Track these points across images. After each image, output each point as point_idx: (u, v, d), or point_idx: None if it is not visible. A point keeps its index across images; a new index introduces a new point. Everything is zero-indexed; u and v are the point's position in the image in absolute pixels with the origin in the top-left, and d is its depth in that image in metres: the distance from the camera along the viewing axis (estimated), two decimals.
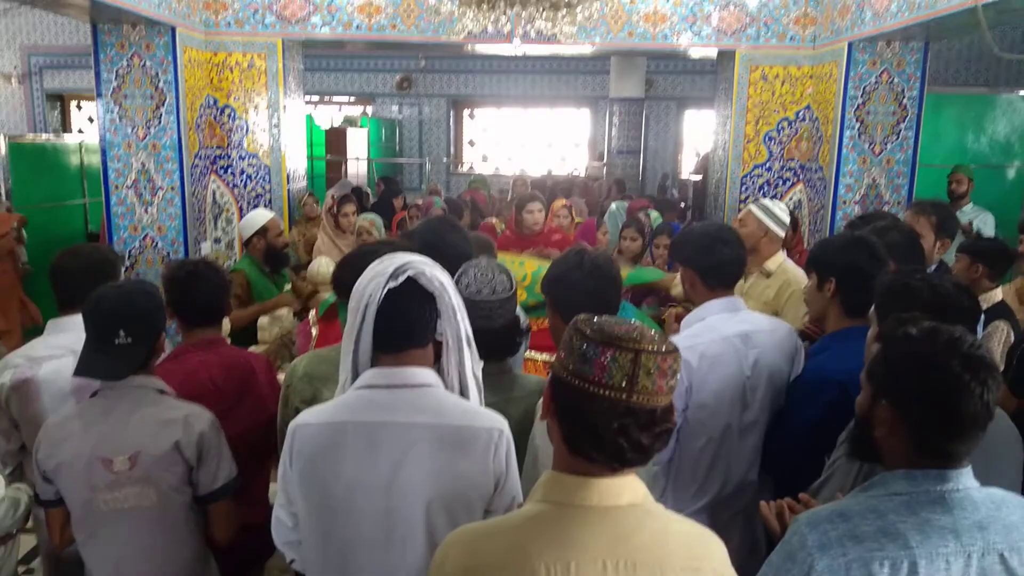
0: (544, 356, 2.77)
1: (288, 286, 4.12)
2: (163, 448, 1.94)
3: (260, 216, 4.11)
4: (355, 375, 1.56)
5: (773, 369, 2.22)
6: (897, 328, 1.46)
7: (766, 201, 3.63)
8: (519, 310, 2.12)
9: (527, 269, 3.04)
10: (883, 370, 1.43)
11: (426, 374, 1.56)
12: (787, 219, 3.50)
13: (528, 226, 4.68)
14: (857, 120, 5.15)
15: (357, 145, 11.47)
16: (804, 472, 1.93)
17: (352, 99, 13.56)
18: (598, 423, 1.13)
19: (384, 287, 1.50)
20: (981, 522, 1.32)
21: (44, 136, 8.62)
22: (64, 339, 2.33)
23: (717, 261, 2.26)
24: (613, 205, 6.77)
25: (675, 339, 2.19)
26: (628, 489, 1.16)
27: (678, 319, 2.46)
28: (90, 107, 12.05)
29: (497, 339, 1.94)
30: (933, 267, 2.84)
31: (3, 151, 6.55)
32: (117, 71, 4.90)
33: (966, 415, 1.32)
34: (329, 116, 13.15)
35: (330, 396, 1.78)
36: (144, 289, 2.05)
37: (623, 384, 1.11)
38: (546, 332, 3.03)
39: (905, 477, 1.37)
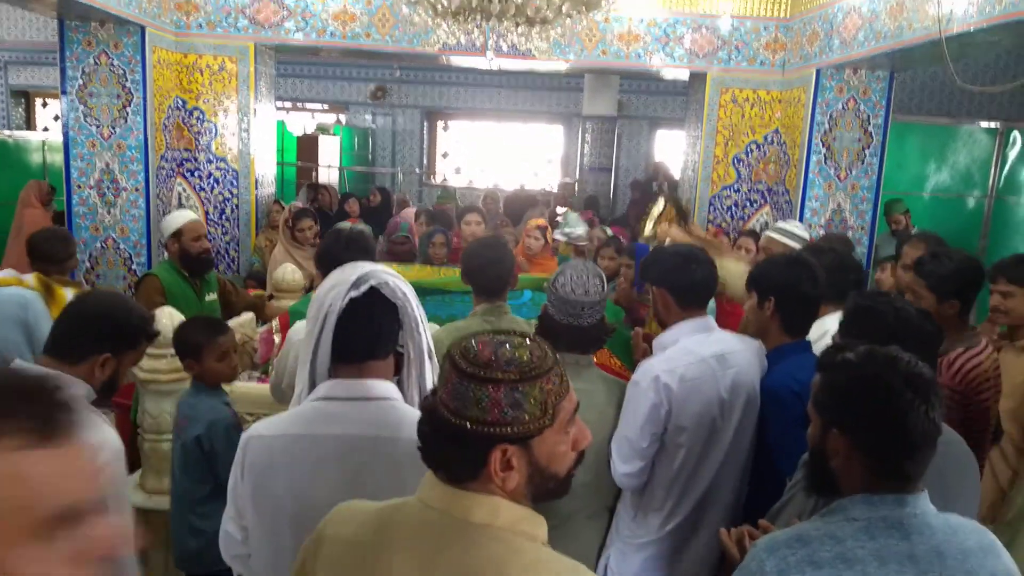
0: None
1: (212, 295, 3.74)
2: None
3: (177, 218, 3.71)
4: (312, 386, 1.52)
5: (749, 388, 2.22)
6: (834, 356, 1.48)
7: (780, 224, 3.77)
8: None
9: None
10: (828, 399, 1.44)
11: (386, 387, 1.53)
12: (804, 233, 3.65)
13: (465, 237, 4.70)
14: (823, 145, 5.24)
15: (329, 153, 11.39)
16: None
17: (325, 107, 13.47)
18: (428, 431, 1.14)
19: (346, 296, 1.47)
20: (938, 548, 1.32)
21: (6, 132, 8.43)
22: None
23: (689, 281, 2.25)
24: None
25: (653, 362, 2.20)
26: (484, 509, 1.11)
27: (646, 339, 2.46)
28: (56, 105, 11.82)
29: (584, 335, 2.17)
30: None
31: None
32: (83, 69, 4.81)
33: (914, 432, 1.34)
34: (302, 123, 13.05)
35: None
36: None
37: (450, 403, 1.11)
38: None
39: (863, 502, 1.37)
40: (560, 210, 5.82)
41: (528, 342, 1.15)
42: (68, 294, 3.31)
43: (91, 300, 2.06)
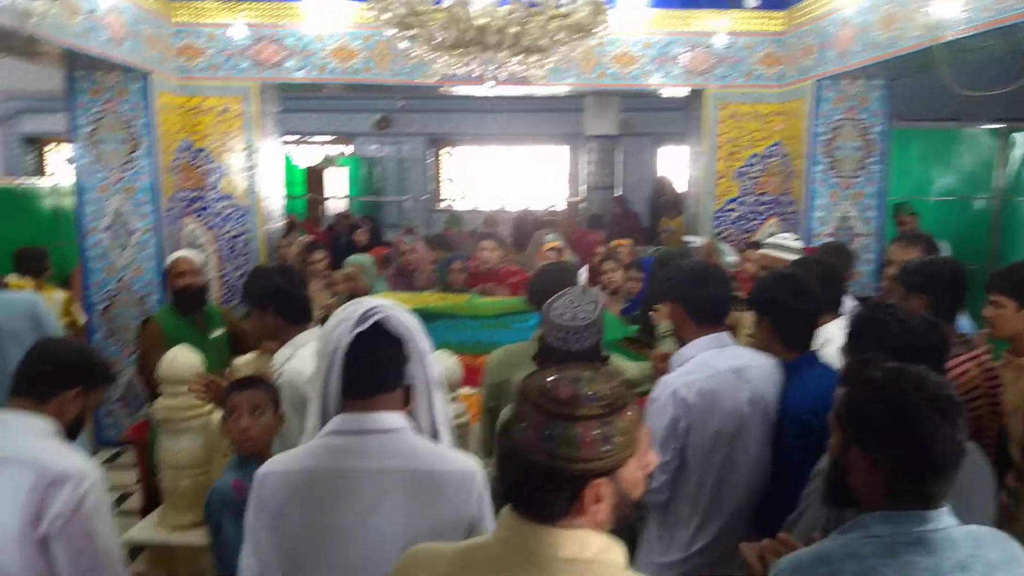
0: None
1: (218, 331, 3.74)
2: None
3: (169, 258, 3.84)
4: (323, 422, 1.55)
5: (767, 403, 2.23)
6: (861, 371, 1.46)
7: (773, 238, 3.82)
8: None
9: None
10: (852, 416, 1.43)
11: (395, 419, 1.55)
12: (798, 244, 3.71)
13: (481, 263, 4.76)
14: (826, 155, 5.26)
15: (336, 184, 11.52)
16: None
17: (332, 138, 13.62)
18: (516, 474, 1.14)
19: (352, 332, 1.50)
20: (963, 562, 1.30)
21: (17, 180, 8.57)
22: None
23: (705, 297, 2.27)
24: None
25: (670, 377, 2.23)
26: (573, 544, 1.13)
27: (663, 359, 2.48)
28: (65, 151, 12.01)
29: (573, 359, 2.13)
30: None
31: None
32: (91, 116, 4.91)
33: (940, 456, 1.32)
34: (311, 155, 13.19)
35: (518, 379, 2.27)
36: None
37: (541, 446, 1.11)
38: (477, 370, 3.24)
39: (883, 519, 1.35)
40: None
41: (598, 376, 1.16)
42: (56, 294, 4.91)
43: (53, 343, 2.13)
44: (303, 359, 2.45)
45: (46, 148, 13.05)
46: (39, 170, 12.80)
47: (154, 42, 4.98)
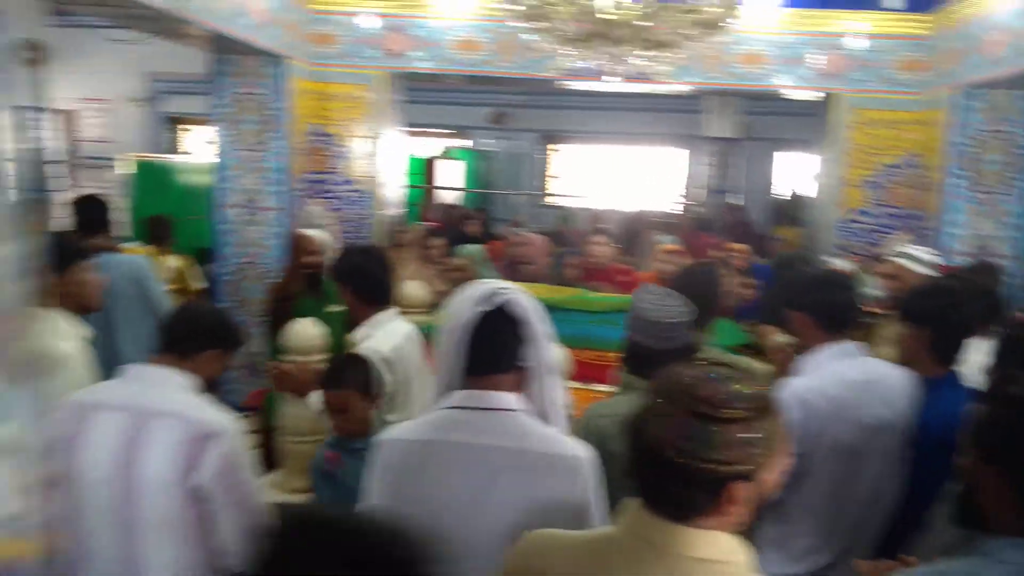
0: (603, 387, 2.97)
1: (335, 308, 3.78)
2: None
3: (295, 233, 4.09)
4: (444, 395, 1.59)
5: (899, 418, 2.14)
6: (1002, 388, 1.39)
7: (910, 250, 3.64)
8: None
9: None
10: (988, 434, 1.35)
11: (511, 399, 1.58)
12: (936, 259, 3.58)
13: (593, 257, 4.76)
14: (966, 169, 4.94)
15: (450, 176, 11.77)
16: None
17: (449, 131, 13.90)
18: (653, 470, 1.13)
19: (476, 310, 1.54)
20: None
21: (163, 157, 9.21)
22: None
23: (833, 304, 2.21)
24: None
25: (797, 380, 2.17)
26: (709, 545, 1.12)
27: (780, 355, 2.42)
28: (197, 130, 12.74)
29: (665, 358, 2.06)
30: None
31: (127, 170, 7.13)
32: (231, 98, 5.19)
33: None
34: (430, 147, 13.53)
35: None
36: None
37: (684, 446, 1.08)
38: (591, 365, 3.17)
39: (1013, 545, 1.27)
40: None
41: (743, 375, 1.14)
42: (171, 261, 5.36)
43: (196, 306, 2.35)
44: (380, 339, 2.54)
45: (180, 127, 13.90)
46: (173, 148, 13.66)
47: (290, 28, 5.22)
